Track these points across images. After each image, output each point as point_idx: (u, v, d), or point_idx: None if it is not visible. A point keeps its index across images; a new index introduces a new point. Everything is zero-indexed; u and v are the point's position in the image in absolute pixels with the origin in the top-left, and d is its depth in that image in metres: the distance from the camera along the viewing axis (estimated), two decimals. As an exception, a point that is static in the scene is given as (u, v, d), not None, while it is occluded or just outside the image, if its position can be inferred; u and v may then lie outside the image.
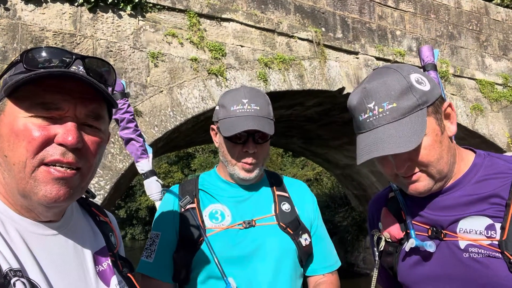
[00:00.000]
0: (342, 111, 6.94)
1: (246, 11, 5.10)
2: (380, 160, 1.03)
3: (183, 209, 1.35)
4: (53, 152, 0.73)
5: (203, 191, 1.41)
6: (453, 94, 6.83)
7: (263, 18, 5.19)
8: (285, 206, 1.41)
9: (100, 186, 3.73)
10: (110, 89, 0.84)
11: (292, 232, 1.36)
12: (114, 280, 0.87)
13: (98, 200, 3.72)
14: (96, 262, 0.86)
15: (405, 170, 0.98)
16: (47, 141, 0.73)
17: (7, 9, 3.55)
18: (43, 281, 0.72)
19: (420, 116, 0.95)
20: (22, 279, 0.67)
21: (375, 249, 1.16)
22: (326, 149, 9.50)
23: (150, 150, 1.62)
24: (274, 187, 1.46)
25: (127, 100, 1.59)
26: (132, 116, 1.59)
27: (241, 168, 1.35)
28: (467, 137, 7.09)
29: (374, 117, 0.97)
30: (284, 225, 1.36)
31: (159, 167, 21.69)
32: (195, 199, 1.37)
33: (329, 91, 5.73)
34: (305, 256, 1.38)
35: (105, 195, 3.73)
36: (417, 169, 0.98)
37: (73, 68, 0.76)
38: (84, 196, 0.96)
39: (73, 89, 0.75)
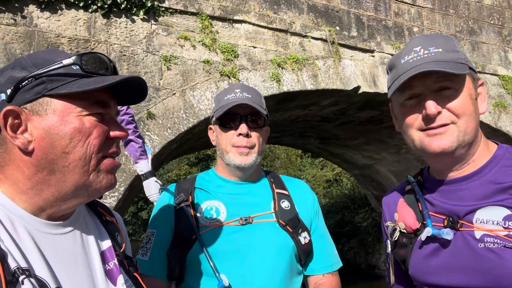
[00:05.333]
0: (358, 111, 6.84)
1: (259, 12, 5.10)
2: (408, 108, 1.01)
3: (177, 207, 1.36)
4: (112, 145, 0.83)
5: (200, 188, 1.42)
6: (475, 91, 6.63)
7: (276, 19, 5.18)
8: (285, 204, 1.40)
9: (114, 188, 3.80)
10: None
11: (291, 230, 1.35)
12: (120, 279, 0.89)
13: (112, 201, 3.79)
14: (103, 261, 0.88)
15: (436, 114, 0.96)
16: (105, 137, 0.82)
17: (24, 17, 3.68)
18: (52, 280, 0.74)
19: (463, 67, 0.96)
20: (30, 278, 0.69)
21: (388, 240, 1.15)
22: (343, 149, 9.39)
23: (149, 151, 1.64)
24: (274, 185, 1.45)
25: (127, 103, 1.61)
26: (132, 118, 1.61)
27: (236, 153, 1.35)
28: (490, 135, 6.86)
29: (418, 57, 0.97)
30: (283, 223, 1.35)
31: (179, 168, 21.97)
32: (190, 196, 1.38)
33: (344, 90, 5.66)
34: (304, 255, 1.37)
35: (119, 197, 3.79)
36: (447, 121, 0.97)
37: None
38: None
39: (110, 89, 0.84)
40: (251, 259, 1.29)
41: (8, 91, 0.78)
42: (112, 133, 0.83)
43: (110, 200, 3.79)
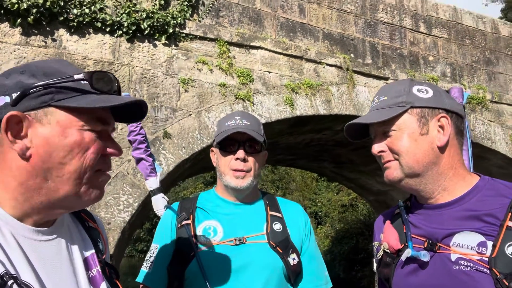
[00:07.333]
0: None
1: (275, 39, 5.30)
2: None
3: (179, 225, 1.47)
4: (106, 162, 0.86)
5: (200, 208, 1.53)
6: (491, 121, 6.59)
7: (291, 46, 5.36)
8: (277, 226, 1.49)
9: (128, 203, 3.95)
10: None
11: (281, 251, 1.43)
12: (103, 286, 0.90)
13: (126, 216, 3.93)
14: (86, 268, 0.89)
15: (379, 154, 1.16)
16: (101, 152, 0.83)
17: (54, 40, 3.96)
18: (38, 285, 0.75)
19: (396, 110, 1.12)
20: (18, 283, 0.71)
21: (374, 259, 1.26)
22: (358, 174, 9.35)
23: (158, 169, 1.77)
24: (268, 207, 1.55)
25: (140, 123, 1.76)
26: (144, 138, 1.75)
27: (233, 176, 1.46)
28: (507, 166, 6.75)
29: (372, 106, 1.21)
30: (274, 244, 1.44)
31: (195, 186, 22.17)
32: (191, 215, 1.49)
33: (358, 116, 5.74)
34: (294, 275, 1.45)
35: (133, 212, 3.93)
36: (391, 158, 1.13)
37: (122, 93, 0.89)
38: None
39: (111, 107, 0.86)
40: (243, 278, 1.38)
41: (14, 95, 0.78)
42: (108, 150, 0.85)
43: (124, 215, 3.94)
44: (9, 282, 0.70)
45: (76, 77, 0.81)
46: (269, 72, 5.17)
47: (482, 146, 6.34)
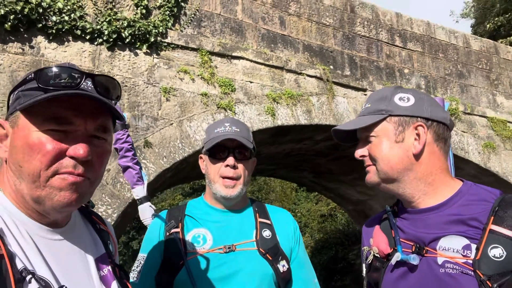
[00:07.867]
0: (351, 146, 6.98)
1: (256, 49, 5.35)
2: None
3: (168, 233, 1.45)
4: (66, 164, 0.79)
5: (189, 216, 1.51)
6: (464, 132, 6.83)
7: (272, 56, 5.42)
8: (266, 233, 1.49)
9: (107, 214, 3.85)
10: (117, 103, 0.94)
11: (271, 258, 1.43)
12: (114, 286, 0.93)
13: (105, 227, 3.83)
14: (97, 268, 0.91)
15: (360, 158, 1.21)
16: (60, 154, 0.79)
17: (31, 47, 3.87)
18: (54, 282, 0.78)
19: (375, 118, 1.17)
20: (36, 278, 0.74)
21: (364, 264, 1.27)
22: (337, 184, 9.47)
23: (145, 178, 1.74)
24: (257, 214, 1.54)
25: (127, 131, 1.73)
26: (131, 146, 1.72)
27: (222, 185, 1.46)
28: (480, 175, 6.99)
29: (361, 111, 1.26)
30: (263, 251, 1.43)
31: (173, 198, 21.84)
32: (179, 223, 1.47)
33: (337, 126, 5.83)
34: (283, 282, 1.44)
35: (112, 223, 3.84)
36: (370, 163, 1.19)
37: (83, 85, 0.81)
38: (85, 205, 1.01)
39: (84, 105, 0.81)
40: (232, 285, 1.37)
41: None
42: (67, 151, 0.80)
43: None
44: (28, 277, 0.73)
45: (28, 78, 0.82)
46: (251, 82, 5.20)
47: (456, 156, 6.55)
